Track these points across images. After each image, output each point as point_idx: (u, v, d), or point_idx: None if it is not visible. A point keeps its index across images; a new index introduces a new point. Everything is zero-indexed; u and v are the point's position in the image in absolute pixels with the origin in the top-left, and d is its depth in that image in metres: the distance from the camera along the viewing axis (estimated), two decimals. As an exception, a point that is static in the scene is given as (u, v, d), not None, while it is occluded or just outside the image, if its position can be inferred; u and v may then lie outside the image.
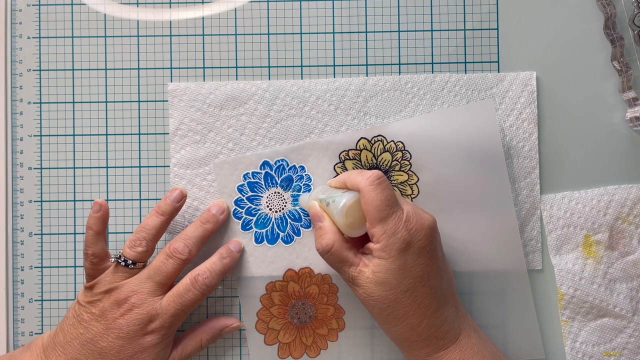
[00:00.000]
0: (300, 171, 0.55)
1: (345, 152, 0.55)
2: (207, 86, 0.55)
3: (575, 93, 0.55)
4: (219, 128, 0.55)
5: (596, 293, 0.54)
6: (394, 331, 0.48)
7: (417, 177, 0.54)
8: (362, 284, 0.48)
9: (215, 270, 0.52)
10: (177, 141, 0.55)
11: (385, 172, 0.54)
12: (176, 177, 0.55)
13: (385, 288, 0.47)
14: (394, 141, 0.54)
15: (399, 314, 0.47)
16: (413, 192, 0.54)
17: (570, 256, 0.55)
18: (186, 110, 0.55)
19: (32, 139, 0.56)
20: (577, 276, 0.54)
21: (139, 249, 0.51)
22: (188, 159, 0.55)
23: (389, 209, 0.47)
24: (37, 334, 0.55)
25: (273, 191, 0.55)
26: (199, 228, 0.53)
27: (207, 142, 0.55)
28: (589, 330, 0.54)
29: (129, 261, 0.50)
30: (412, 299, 0.47)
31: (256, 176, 0.55)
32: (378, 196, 0.47)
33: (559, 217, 0.55)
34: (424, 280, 0.47)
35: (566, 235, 0.55)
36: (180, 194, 0.52)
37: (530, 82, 0.55)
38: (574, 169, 0.55)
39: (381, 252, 0.47)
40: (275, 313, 0.55)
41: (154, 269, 0.51)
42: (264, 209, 0.55)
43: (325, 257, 0.49)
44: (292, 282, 0.55)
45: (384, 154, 0.54)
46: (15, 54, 0.56)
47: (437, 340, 0.48)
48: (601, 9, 0.55)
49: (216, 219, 0.53)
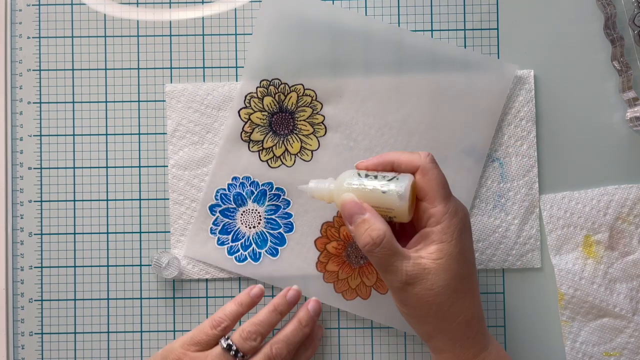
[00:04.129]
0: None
1: (249, 94, 0.55)
2: (204, 87, 0.55)
3: (576, 93, 0.55)
4: (217, 129, 0.55)
5: (596, 293, 0.54)
6: (447, 330, 0.44)
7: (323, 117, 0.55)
8: (421, 278, 0.43)
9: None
10: (175, 142, 0.55)
11: (291, 113, 0.54)
12: (174, 179, 0.55)
13: (448, 276, 0.43)
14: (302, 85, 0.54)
15: (457, 307, 0.44)
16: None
17: (570, 256, 0.55)
18: (184, 112, 0.55)
19: (32, 138, 0.56)
20: (577, 276, 0.54)
21: (252, 344, 0.49)
22: (186, 160, 0.55)
23: (448, 187, 0.45)
24: (37, 334, 0.55)
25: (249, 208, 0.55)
26: (300, 332, 0.51)
27: (205, 143, 0.55)
28: (589, 331, 0.54)
29: (240, 353, 0.49)
30: (469, 286, 0.44)
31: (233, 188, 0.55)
32: (441, 173, 0.45)
33: (559, 217, 0.55)
34: (474, 267, 0.45)
35: (566, 235, 0.55)
36: (298, 295, 0.52)
37: (528, 81, 0.55)
38: (574, 169, 0.55)
39: (443, 234, 0.43)
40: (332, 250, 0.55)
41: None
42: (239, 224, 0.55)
43: (375, 253, 0.44)
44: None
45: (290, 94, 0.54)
46: (15, 53, 0.56)
47: (482, 337, 0.45)
48: (601, 9, 0.55)
49: (314, 322, 0.52)
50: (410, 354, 0.56)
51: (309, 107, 0.55)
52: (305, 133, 0.55)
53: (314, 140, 0.55)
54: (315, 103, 0.55)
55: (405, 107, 0.54)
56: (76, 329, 0.56)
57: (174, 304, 0.56)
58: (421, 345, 0.55)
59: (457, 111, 0.54)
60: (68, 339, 0.56)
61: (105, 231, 0.56)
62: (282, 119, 0.55)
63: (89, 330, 0.56)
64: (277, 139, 0.55)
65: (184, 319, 0.56)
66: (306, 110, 0.55)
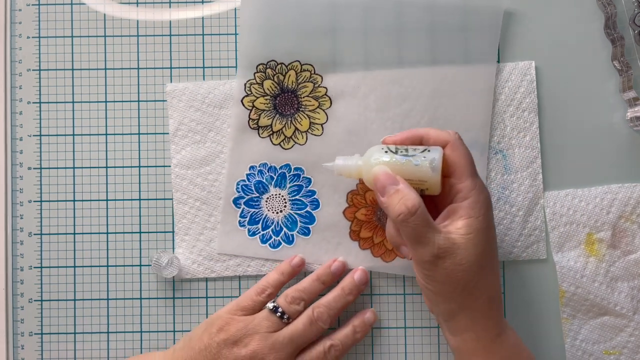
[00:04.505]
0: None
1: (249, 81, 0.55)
2: (205, 86, 0.55)
3: (576, 93, 0.55)
4: (219, 127, 0.55)
5: (597, 291, 0.54)
6: (472, 308, 0.45)
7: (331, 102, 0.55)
8: (451, 252, 0.44)
9: (348, 344, 0.52)
10: (178, 142, 0.55)
11: (293, 92, 0.54)
12: (177, 178, 0.55)
13: (476, 251, 0.44)
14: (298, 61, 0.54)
15: (482, 284, 0.45)
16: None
17: (573, 254, 0.55)
18: (185, 111, 0.55)
19: (31, 138, 0.56)
20: (578, 274, 0.54)
21: (297, 307, 0.51)
22: (189, 159, 0.55)
23: (474, 165, 0.46)
24: (36, 334, 0.55)
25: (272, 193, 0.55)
26: (343, 299, 0.52)
27: (208, 142, 0.55)
28: (590, 329, 0.54)
29: (286, 315, 0.51)
30: (492, 263, 0.45)
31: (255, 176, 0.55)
32: (468, 150, 0.46)
33: (562, 215, 0.55)
34: (495, 244, 0.46)
35: (569, 233, 0.55)
36: (344, 267, 0.54)
37: (529, 72, 0.55)
38: (574, 168, 0.55)
39: (470, 209, 0.44)
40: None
41: (297, 331, 0.50)
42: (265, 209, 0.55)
43: (409, 222, 0.44)
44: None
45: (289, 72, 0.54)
46: (14, 53, 0.56)
47: (501, 319, 0.47)
48: (601, 9, 0.55)
49: (359, 291, 0.53)
50: (411, 354, 0.55)
51: (310, 82, 0.55)
52: (311, 108, 0.55)
53: (321, 113, 0.55)
54: (315, 76, 0.55)
55: (407, 101, 0.55)
56: (76, 329, 0.55)
57: (174, 304, 0.56)
58: (421, 346, 0.55)
59: (457, 105, 0.54)
60: (68, 339, 0.55)
61: (105, 231, 0.56)
62: (286, 99, 0.55)
63: (89, 330, 0.55)
64: (285, 119, 0.55)
65: (184, 319, 0.56)
66: (307, 86, 0.55)
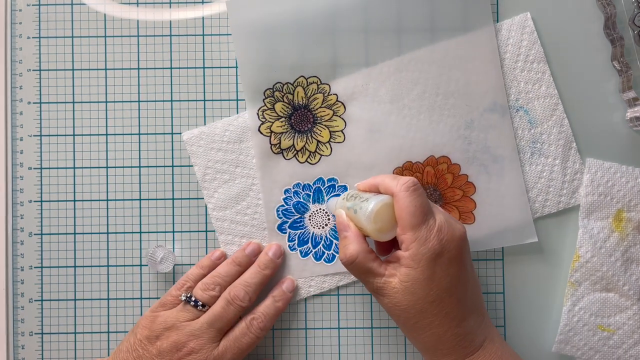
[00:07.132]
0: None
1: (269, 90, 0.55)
2: (219, 125, 0.55)
3: (575, 93, 0.55)
4: (244, 161, 0.55)
5: (611, 266, 0.54)
6: (419, 340, 0.48)
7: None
8: (389, 294, 0.47)
9: (270, 314, 0.53)
10: (208, 186, 0.55)
11: (305, 107, 0.55)
12: (218, 221, 0.55)
13: (413, 298, 0.46)
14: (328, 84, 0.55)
15: (424, 323, 0.47)
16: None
17: (599, 224, 0.54)
18: (207, 154, 0.55)
19: (32, 139, 0.56)
20: (599, 243, 0.54)
21: (211, 293, 0.52)
22: (224, 200, 0.55)
23: (422, 216, 0.46)
24: (36, 334, 0.55)
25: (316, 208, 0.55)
26: (259, 274, 0.53)
27: (237, 178, 0.55)
28: (592, 300, 0.54)
29: (200, 302, 0.51)
30: (439, 309, 0.46)
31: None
32: (413, 202, 0.46)
33: (599, 184, 0.54)
34: (451, 291, 0.46)
35: (601, 203, 0.54)
36: (259, 248, 0.54)
37: (527, 24, 0.55)
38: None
39: (410, 260, 0.46)
40: None
41: (214, 315, 0.51)
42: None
43: (349, 268, 0.48)
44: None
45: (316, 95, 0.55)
46: (15, 53, 0.56)
47: (462, 349, 0.47)
48: (601, 9, 0.55)
49: (274, 265, 0.54)
50: (410, 353, 0.56)
51: (319, 93, 0.55)
52: (327, 118, 0.55)
53: (338, 120, 0.55)
54: (323, 86, 0.55)
55: (417, 84, 0.55)
56: (76, 329, 0.56)
57: (174, 304, 0.56)
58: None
59: (466, 75, 0.54)
60: (68, 339, 0.56)
61: (105, 231, 0.56)
62: (301, 116, 0.55)
63: (89, 330, 0.56)
64: (305, 136, 0.55)
65: (184, 319, 0.56)
66: (318, 97, 0.55)
